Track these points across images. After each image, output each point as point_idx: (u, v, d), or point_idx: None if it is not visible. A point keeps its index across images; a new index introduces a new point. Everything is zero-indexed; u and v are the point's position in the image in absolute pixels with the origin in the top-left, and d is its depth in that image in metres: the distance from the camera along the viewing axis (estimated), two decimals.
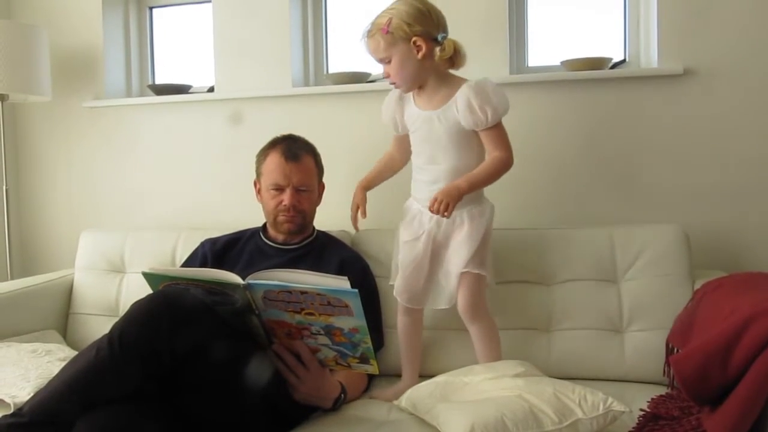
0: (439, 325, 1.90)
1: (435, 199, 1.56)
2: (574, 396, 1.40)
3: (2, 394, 1.60)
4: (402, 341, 1.83)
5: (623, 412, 1.39)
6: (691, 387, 1.25)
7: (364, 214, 1.89)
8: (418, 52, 1.60)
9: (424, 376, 1.76)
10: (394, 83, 1.68)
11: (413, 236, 1.72)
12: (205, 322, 1.42)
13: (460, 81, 1.66)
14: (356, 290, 1.33)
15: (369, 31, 1.64)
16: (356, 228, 1.94)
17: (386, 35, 1.60)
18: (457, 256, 1.66)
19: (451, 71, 1.70)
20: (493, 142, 1.63)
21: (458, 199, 1.57)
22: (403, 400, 1.58)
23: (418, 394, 1.55)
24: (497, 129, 1.63)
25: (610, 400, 1.39)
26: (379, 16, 1.64)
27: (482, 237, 1.66)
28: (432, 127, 1.67)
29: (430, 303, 1.74)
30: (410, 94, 1.73)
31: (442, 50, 1.61)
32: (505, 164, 1.64)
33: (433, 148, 1.69)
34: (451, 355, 1.86)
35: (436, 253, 1.71)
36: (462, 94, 1.61)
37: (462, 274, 1.65)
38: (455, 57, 1.65)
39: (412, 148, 1.75)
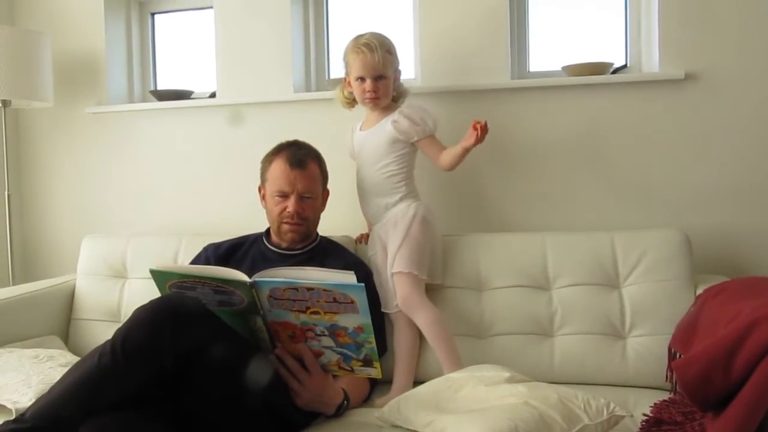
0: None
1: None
2: (579, 402, 1.40)
3: (4, 399, 1.60)
4: (398, 351, 1.86)
5: (624, 416, 1.41)
6: (693, 392, 1.24)
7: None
8: (395, 81, 1.94)
9: (418, 382, 1.76)
10: (377, 98, 1.90)
11: (373, 251, 1.96)
12: (209, 328, 1.42)
13: (394, 105, 1.97)
14: (362, 284, 1.34)
15: (371, 45, 1.86)
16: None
17: (390, 56, 1.89)
18: (389, 261, 1.87)
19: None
20: (435, 146, 1.91)
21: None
22: (388, 412, 1.51)
23: (408, 407, 1.49)
24: (434, 137, 1.91)
25: (612, 405, 1.41)
26: (376, 37, 1.88)
27: (403, 238, 1.84)
28: (368, 140, 1.96)
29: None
30: (358, 124, 2.03)
31: (402, 89, 1.99)
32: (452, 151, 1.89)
33: (367, 158, 1.95)
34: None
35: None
36: (401, 113, 1.90)
37: (392, 274, 1.85)
38: (405, 95, 2.00)
39: (357, 166, 2.00)
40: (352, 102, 2.01)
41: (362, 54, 1.86)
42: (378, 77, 1.87)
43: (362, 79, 1.89)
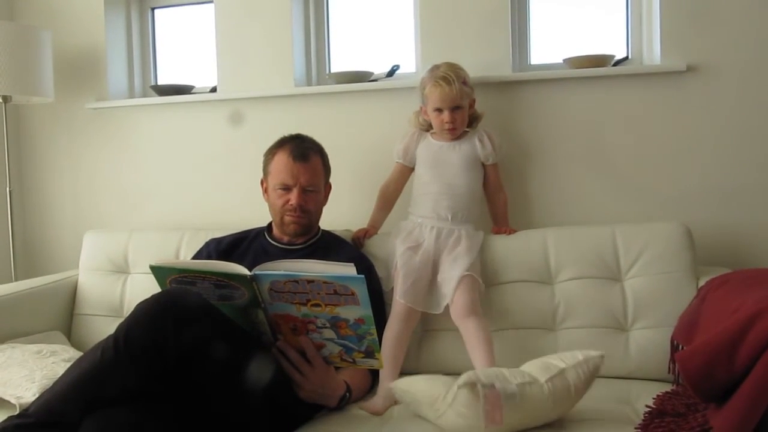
0: (430, 327, 1.90)
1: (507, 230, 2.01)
2: (554, 355, 1.49)
3: (8, 395, 1.61)
4: (389, 348, 1.81)
5: (601, 355, 1.46)
6: (696, 384, 1.24)
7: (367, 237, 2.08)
8: (470, 108, 1.98)
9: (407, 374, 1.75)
10: (454, 129, 1.95)
11: (414, 243, 1.91)
12: (210, 322, 1.42)
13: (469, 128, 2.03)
14: (363, 276, 1.34)
15: (448, 78, 1.90)
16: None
17: (466, 88, 1.93)
18: (458, 264, 1.85)
19: None
20: (496, 176, 2.03)
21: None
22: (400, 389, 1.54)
23: (417, 389, 1.51)
24: (498, 166, 2.02)
25: (584, 350, 1.47)
26: (452, 68, 1.93)
27: (477, 252, 1.89)
28: (445, 154, 1.98)
29: (429, 306, 1.85)
30: (424, 133, 2.04)
31: (477, 114, 2.03)
32: (507, 201, 2.07)
33: (442, 170, 1.97)
34: (440, 356, 1.88)
35: (435, 260, 1.90)
36: (483, 134, 1.99)
37: (463, 277, 1.81)
38: (480, 119, 2.04)
39: (420, 171, 2.01)
40: (428, 128, 2.04)
41: (440, 87, 1.90)
42: (455, 108, 1.92)
43: (440, 110, 1.93)
